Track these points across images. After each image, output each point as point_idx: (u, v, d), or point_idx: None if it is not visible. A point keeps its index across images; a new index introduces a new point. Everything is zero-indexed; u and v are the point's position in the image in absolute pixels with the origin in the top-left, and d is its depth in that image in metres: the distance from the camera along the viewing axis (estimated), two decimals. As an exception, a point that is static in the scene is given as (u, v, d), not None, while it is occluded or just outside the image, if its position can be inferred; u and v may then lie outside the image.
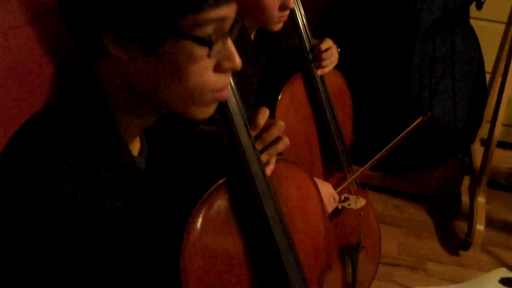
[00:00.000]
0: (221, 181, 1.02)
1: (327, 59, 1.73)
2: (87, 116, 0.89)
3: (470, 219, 2.66)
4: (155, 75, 0.84)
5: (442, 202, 2.92)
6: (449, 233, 2.77)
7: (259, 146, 1.07)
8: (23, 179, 0.81)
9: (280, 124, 1.09)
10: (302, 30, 1.73)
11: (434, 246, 2.68)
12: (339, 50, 1.80)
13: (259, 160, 1.06)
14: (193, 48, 0.81)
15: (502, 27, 2.74)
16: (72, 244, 0.83)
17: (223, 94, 0.90)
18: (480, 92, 2.74)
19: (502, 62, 2.65)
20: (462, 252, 2.63)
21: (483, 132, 2.89)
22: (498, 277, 2.49)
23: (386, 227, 2.70)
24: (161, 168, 1.06)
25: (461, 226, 2.80)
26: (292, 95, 1.73)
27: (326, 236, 1.28)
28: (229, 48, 0.87)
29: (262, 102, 1.71)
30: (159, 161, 1.06)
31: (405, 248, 2.64)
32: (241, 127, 1.03)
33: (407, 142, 2.72)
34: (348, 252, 1.93)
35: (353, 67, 2.32)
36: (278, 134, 1.09)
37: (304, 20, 1.73)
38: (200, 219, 0.98)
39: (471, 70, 2.68)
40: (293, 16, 1.70)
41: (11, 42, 1.14)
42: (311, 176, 1.25)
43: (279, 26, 1.61)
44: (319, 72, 1.75)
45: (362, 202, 1.89)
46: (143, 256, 0.95)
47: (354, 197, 1.88)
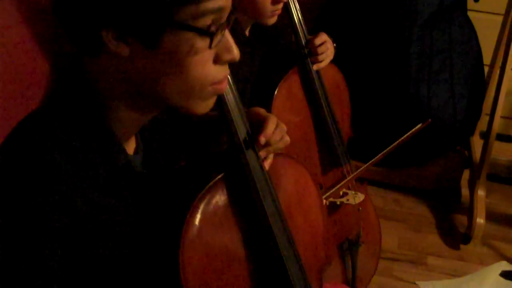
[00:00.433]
0: (219, 176, 1.02)
1: (323, 53, 1.72)
2: (81, 116, 0.88)
3: (470, 212, 2.65)
4: (156, 69, 0.83)
5: (442, 196, 2.92)
6: (449, 227, 2.77)
7: (263, 152, 1.08)
8: (17, 180, 0.80)
9: (283, 128, 1.10)
10: (297, 24, 1.72)
11: (434, 240, 2.68)
12: (334, 45, 1.79)
13: (257, 154, 1.06)
14: (194, 40, 0.80)
15: (500, 18, 2.73)
16: (65, 245, 0.81)
17: (222, 87, 0.90)
18: (479, 85, 2.73)
19: (500, 54, 2.64)
20: (462, 246, 2.62)
21: (482, 125, 2.88)
22: (499, 270, 2.49)
23: (386, 221, 2.69)
24: (157, 167, 1.05)
25: (461, 219, 2.79)
26: (289, 90, 1.72)
27: (325, 232, 1.27)
28: (227, 40, 0.86)
29: (258, 97, 1.71)
30: (155, 160, 1.05)
31: (405, 243, 2.64)
32: (238, 122, 1.03)
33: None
34: (348, 248, 1.93)
35: (350, 60, 2.32)
36: (280, 138, 1.10)
37: (299, 14, 1.72)
38: (198, 215, 0.97)
39: (469, 62, 2.68)
40: (288, 10, 1.69)
41: (6, 40, 1.14)
42: (308, 171, 1.25)
43: (273, 20, 1.60)
44: (315, 66, 1.74)
45: (360, 197, 1.88)
46: (141, 254, 0.94)
47: (353, 192, 1.88)
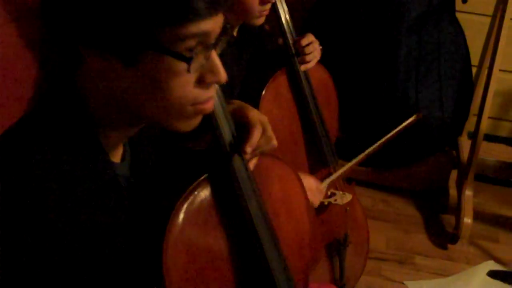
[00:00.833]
0: (203, 177, 1.01)
1: (310, 53, 1.73)
2: (67, 126, 0.87)
3: (457, 212, 2.66)
4: (134, 86, 0.82)
5: (430, 196, 2.93)
6: (437, 226, 2.78)
7: (248, 155, 1.06)
8: (2, 192, 0.79)
9: (269, 135, 1.08)
10: (285, 25, 1.72)
11: (422, 240, 2.69)
12: (321, 47, 1.79)
13: (242, 156, 1.05)
14: (172, 63, 0.78)
15: (487, 20, 2.75)
16: (52, 257, 0.81)
17: (206, 107, 0.87)
18: (467, 86, 2.74)
19: (488, 55, 2.65)
20: (450, 246, 2.64)
21: (470, 125, 2.89)
22: (486, 270, 2.50)
23: (374, 221, 2.70)
24: (144, 174, 1.04)
25: (449, 219, 2.80)
26: (276, 91, 1.72)
27: (311, 232, 1.27)
28: (213, 62, 0.84)
29: (246, 97, 1.71)
30: (142, 166, 1.04)
31: (393, 243, 2.65)
32: (224, 125, 1.03)
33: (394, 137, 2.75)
34: (335, 248, 1.93)
35: (339, 62, 2.32)
36: (266, 144, 1.08)
37: (287, 15, 1.72)
38: (182, 216, 0.97)
39: (457, 63, 2.69)
40: (275, 11, 1.69)
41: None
42: (296, 171, 1.25)
43: (260, 20, 1.60)
44: (303, 67, 1.75)
45: (348, 197, 1.88)
46: (127, 258, 0.94)
47: (341, 192, 1.88)
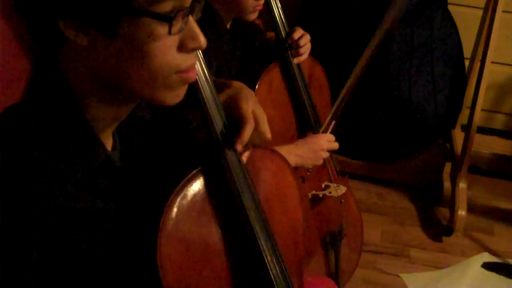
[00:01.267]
0: (195, 170, 1.01)
1: (304, 45, 1.73)
2: (57, 111, 0.86)
3: (452, 205, 2.67)
4: (117, 58, 0.82)
5: (424, 189, 2.94)
6: (431, 219, 2.79)
7: (239, 147, 1.05)
8: None
9: (264, 130, 1.08)
10: (278, 18, 1.72)
11: (416, 232, 2.69)
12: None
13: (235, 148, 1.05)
14: (152, 26, 0.79)
15: (480, 12, 2.75)
16: (45, 243, 0.81)
17: (190, 75, 0.88)
18: (459, 78, 2.75)
19: (481, 47, 2.66)
20: (444, 238, 2.65)
21: (463, 118, 2.90)
22: (481, 262, 2.51)
23: (368, 215, 2.71)
24: (135, 163, 1.03)
25: (443, 212, 2.82)
26: (270, 84, 1.72)
27: (305, 224, 1.27)
28: (192, 27, 0.84)
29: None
30: (133, 156, 1.04)
31: (388, 236, 2.65)
32: (216, 117, 1.02)
33: (388, 129, 2.75)
34: (330, 241, 1.93)
35: (330, 56, 2.32)
36: (258, 138, 1.09)
37: (279, 9, 1.72)
38: (175, 210, 0.96)
39: (450, 56, 2.69)
40: (268, 4, 1.69)
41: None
42: (288, 163, 1.24)
43: (254, 15, 1.60)
44: (296, 60, 1.75)
45: (342, 189, 1.89)
46: (120, 250, 0.93)
47: (335, 185, 1.88)
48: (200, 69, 0.99)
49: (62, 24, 0.79)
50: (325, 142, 1.76)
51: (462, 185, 2.66)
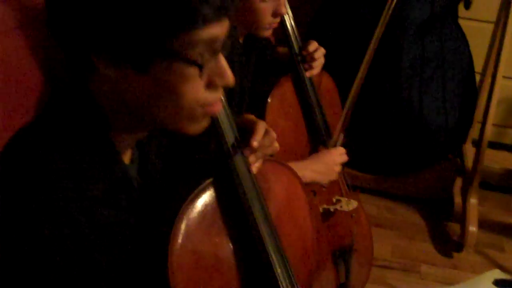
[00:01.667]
0: (207, 181, 1.02)
1: (319, 58, 1.73)
2: (82, 127, 0.88)
3: (462, 220, 2.65)
4: (145, 92, 0.83)
5: (435, 204, 2.92)
6: (442, 235, 2.77)
7: (251, 158, 1.07)
8: (16, 193, 0.80)
9: (272, 135, 1.10)
10: (291, 32, 1.73)
11: (427, 248, 2.67)
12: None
13: (245, 160, 1.06)
14: (184, 69, 0.80)
15: (491, 26, 2.74)
16: (64, 254, 0.81)
17: (215, 109, 0.90)
18: (470, 93, 2.74)
19: (491, 62, 2.65)
20: (455, 254, 2.63)
21: (474, 132, 2.88)
22: (492, 278, 2.48)
23: (379, 229, 2.69)
24: (151, 177, 1.05)
25: (454, 227, 2.80)
26: (282, 98, 1.72)
27: (315, 238, 1.27)
28: (221, 65, 0.86)
29: (252, 104, 1.71)
30: (150, 170, 1.05)
31: (398, 251, 2.63)
32: (227, 128, 1.03)
33: (398, 144, 2.74)
34: (341, 255, 1.92)
35: (342, 68, 2.32)
36: (269, 144, 1.10)
37: (292, 22, 1.73)
38: (186, 221, 0.97)
39: (461, 70, 2.68)
40: (281, 18, 1.69)
41: (0, 46, 1.13)
42: (298, 176, 1.24)
43: (268, 32, 1.61)
44: (308, 73, 1.75)
45: (354, 204, 1.88)
46: (135, 261, 0.94)
47: (346, 199, 1.87)
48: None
49: (94, 57, 0.81)
50: (338, 156, 1.76)
51: (473, 200, 2.64)
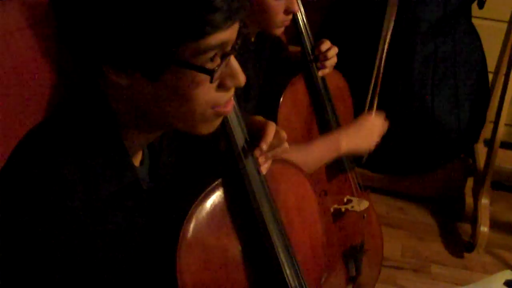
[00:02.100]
0: (216, 182, 1.02)
1: (332, 57, 1.73)
2: (93, 129, 0.88)
3: (474, 220, 2.64)
4: (158, 98, 0.83)
5: (446, 204, 2.91)
6: (453, 235, 2.76)
7: (261, 158, 1.07)
8: (26, 194, 0.81)
9: (282, 135, 1.10)
10: (303, 31, 1.73)
11: (438, 248, 2.66)
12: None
13: (255, 160, 1.06)
14: (194, 75, 0.80)
15: (504, 26, 2.72)
16: (73, 258, 0.82)
17: (226, 110, 0.89)
18: (483, 92, 2.72)
19: (505, 61, 2.63)
20: (466, 254, 2.62)
21: (486, 132, 2.87)
22: (503, 279, 2.46)
23: (389, 229, 2.69)
24: (162, 178, 1.05)
25: (465, 227, 2.78)
26: (294, 97, 1.72)
27: (325, 238, 1.26)
28: (232, 66, 0.86)
29: (263, 104, 1.70)
30: (160, 171, 1.05)
31: (408, 251, 2.63)
32: (237, 128, 1.03)
33: (410, 143, 2.73)
34: (352, 255, 1.91)
35: (354, 68, 2.31)
36: (279, 145, 1.10)
37: (305, 21, 1.72)
38: (195, 221, 0.97)
39: (474, 69, 2.66)
40: (294, 17, 1.69)
41: (11, 45, 1.13)
42: (308, 176, 1.24)
43: (280, 30, 1.60)
44: (320, 73, 1.75)
45: (365, 204, 1.87)
46: (143, 261, 0.95)
47: (357, 199, 1.87)
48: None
49: (105, 67, 0.81)
50: (379, 123, 1.76)
51: (485, 200, 2.63)
